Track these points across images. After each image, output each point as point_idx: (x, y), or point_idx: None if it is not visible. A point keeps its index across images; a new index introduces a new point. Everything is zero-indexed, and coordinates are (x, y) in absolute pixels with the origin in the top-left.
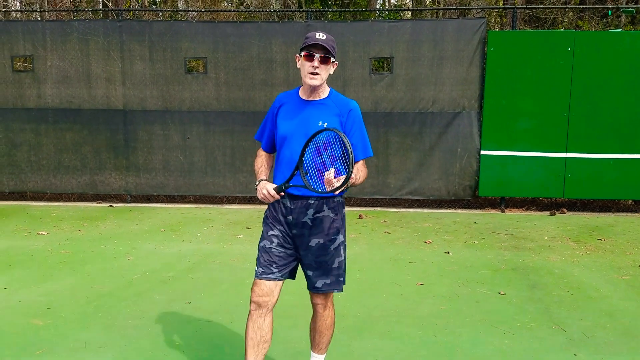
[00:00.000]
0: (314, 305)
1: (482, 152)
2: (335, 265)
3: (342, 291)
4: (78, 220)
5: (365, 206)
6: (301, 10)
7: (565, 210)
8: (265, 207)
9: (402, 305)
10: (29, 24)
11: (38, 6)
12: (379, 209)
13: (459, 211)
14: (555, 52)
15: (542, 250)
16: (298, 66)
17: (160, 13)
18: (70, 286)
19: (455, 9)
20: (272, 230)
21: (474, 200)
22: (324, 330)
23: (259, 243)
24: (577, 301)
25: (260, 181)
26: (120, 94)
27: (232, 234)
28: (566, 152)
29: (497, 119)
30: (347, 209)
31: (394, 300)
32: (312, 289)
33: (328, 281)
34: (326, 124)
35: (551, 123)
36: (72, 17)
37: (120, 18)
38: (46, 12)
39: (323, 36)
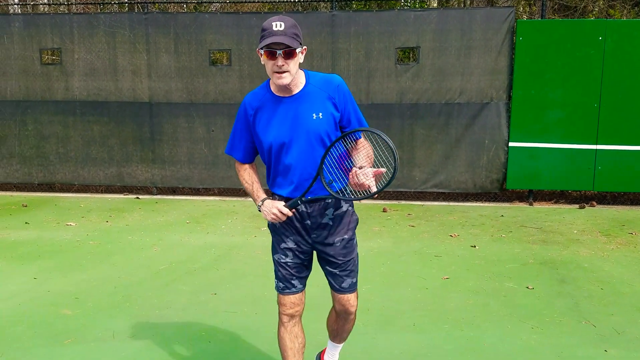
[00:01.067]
0: (345, 307)
1: (511, 144)
2: (357, 260)
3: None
4: (105, 212)
5: (390, 199)
6: (326, 0)
7: (595, 203)
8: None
9: (428, 299)
10: (57, 17)
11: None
12: (403, 202)
13: (486, 204)
14: (586, 41)
15: (571, 244)
16: (262, 62)
17: (185, 5)
18: (98, 276)
19: None
20: (285, 242)
21: (501, 193)
22: (351, 327)
23: (273, 255)
24: (608, 296)
25: (263, 201)
26: (146, 87)
27: (255, 226)
28: (596, 144)
29: (526, 110)
30: (370, 202)
31: (419, 294)
32: (339, 290)
33: (355, 279)
34: (321, 114)
35: (581, 114)
36: (99, 10)
37: (146, 10)
38: (73, 5)
39: (281, 25)
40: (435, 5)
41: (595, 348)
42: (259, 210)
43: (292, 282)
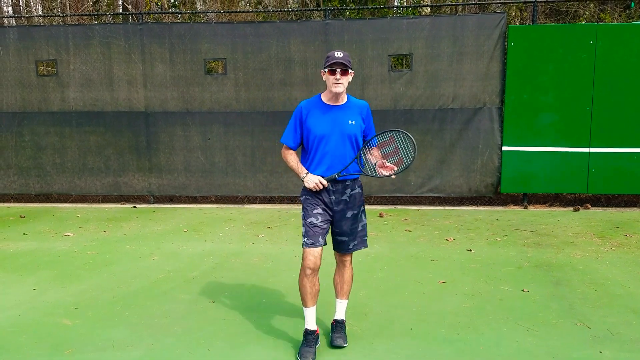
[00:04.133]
0: (342, 262)
1: (504, 148)
2: (360, 228)
3: (367, 247)
4: (103, 222)
5: (386, 204)
6: (319, 8)
7: (589, 205)
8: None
9: (425, 304)
10: (52, 29)
11: (60, 11)
12: (399, 207)
13: (481, 208)
14: (577, 45)
15: (565, 246)
16: (324, 79)
17: (180, 15)
18: (96, 286)
19: (474, 4)
20: (316, 208)
21: (496, 196)
22: (350, 280)
23: (306, 219)
24: (602, 298)
25: (307, 174)
26: (142, 96)
27: (253, 233)
28: (589, 146)
29: (519, 114)
30: (367, 207)
31: (416, 298)
32: (345, 250)
33: (357, 242)
34: (354, 121)
35: (574, 117)
36: (94, 21)
37: (140, 21)
38: (68, 17)
39: (340, 54)
40: (427, 12)
41: (590, 350)
42: (302, 180)
43: (319, 238)
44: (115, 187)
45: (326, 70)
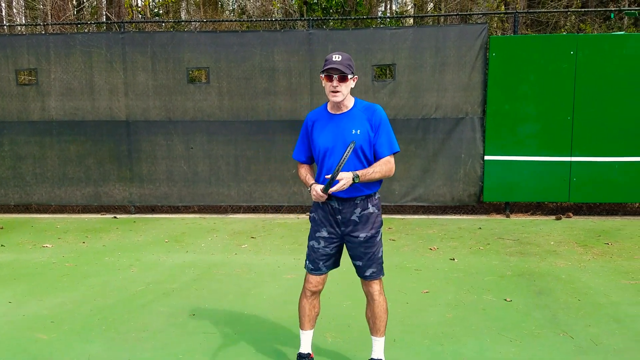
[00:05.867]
0: (369, 294)
1: (486, 158)
2: (380, 254)
3: (384, 275)
4: (82, 232)
5: None
6: (303, 18)
7: (571, 214)
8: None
9: (408, 314)
10: (33, 38)
11: (42, 20)
12: (384, 216)
13: (464, 217)
14: (558, 56)
15: (548, 255)
16: (323, 85)
17: (163, 24)
18: (73, 299)
19: (456, 15)
20: (320, 231)
21: (479, 205)
22: (382, 314)
23: (309, 241)
24: (585, 307)
25: (311, 185)
26: (123, 105)
27: (236, 243)
28: (571, 155)
29: (501, 124)
30: None
31: (399, 308)
32: (363, 277)
33: (375, 270)
34: (359, 130)
35: (555, 127)
36: (76, 30)
37: (122, 30)
38: (49, 26)
39: (339, 57)
40: (410, 22)
41: None
42: (309, 191)
43: (319, 265)
44: (95, 197)
45: (323, 75)
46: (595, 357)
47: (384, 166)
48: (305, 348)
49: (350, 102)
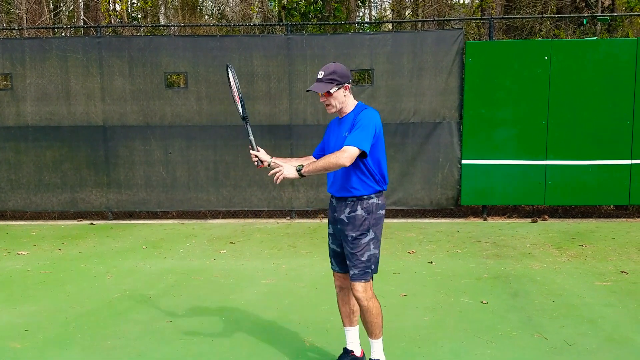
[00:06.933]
0: (357, 299)
1: (463, 162)
2: (365, 258)
3: (369, 281)
4: (58, 239)
5: None
6: (281, 23)
7: (546, 217)
8: None
9: (386, 317)
10: (7, 42)
11: (17, 24)
12: None
13: (442, 220)
14: (533, 61)
15: (524, 257)
16: None
17: (141, 28)
18: (49, 307)
19: (433, 21)
20: (329, 228)
21: (457, 209)
22: (373, 319)
23: None
24: (559, 309)
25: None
26: (100, 110)
27: (215, 249)
28: (546, 159)
29: (477, 129)
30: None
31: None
32: (350, 276)
33: (357, 271)
34: (347, 133)
35: (530, 131)
36: (52, 35)
37: (99, 34)
38: (25, 30)
39: (322, 74)
40: (389, 28)
41: None
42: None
43: (333, 262)
44: (72, 204)
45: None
46: (569, 357)
47: (332, 155)
48: (349, 344)
49: (349, 108)
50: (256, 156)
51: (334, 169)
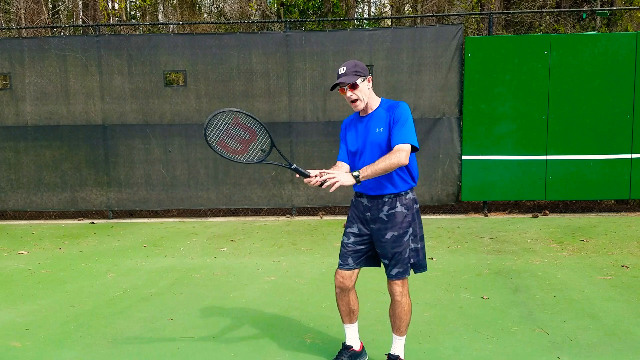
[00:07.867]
0: (391, 293)
1: (464, 157)
2: (406, 255)
3: (406, 278)
4: (59, 238)
5: None
6: (280, 20)
7: (547, 212)
8: None
9: (387, 313)
10: (6, 42)
11: (16, 23)
12: None
13: (443, 216)
14: (532, 55)
15: (524, 253)
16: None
17: (140, 27)
18: (49, 306)
19: (432, 16)
20: (351, 227)
21: (457, 205)
22: (403, 315)
23: (343, 235)
24: (560, 303)
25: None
26: (99, 109)
27: (215, 247)
28: (546, 154)
29: (477, 124)
30: (331, 217)
31: (379, 309)
32: (388, 275)
33: (401, 269)
34: (382, 128)
35: (530, 126)
36: (51, 34)
37: (98, 33)
38: (24, 30)
39: (343, 69)
40: (388, 24)
41: (548, 356)
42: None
43: (347, 260)
44: (72, 203)
45: (338, 89)
46: (569, 352)
47: (391, 155)
48: (348, 340)
49: (375, 103)
50: (316, 180)
51: (393, 169)
